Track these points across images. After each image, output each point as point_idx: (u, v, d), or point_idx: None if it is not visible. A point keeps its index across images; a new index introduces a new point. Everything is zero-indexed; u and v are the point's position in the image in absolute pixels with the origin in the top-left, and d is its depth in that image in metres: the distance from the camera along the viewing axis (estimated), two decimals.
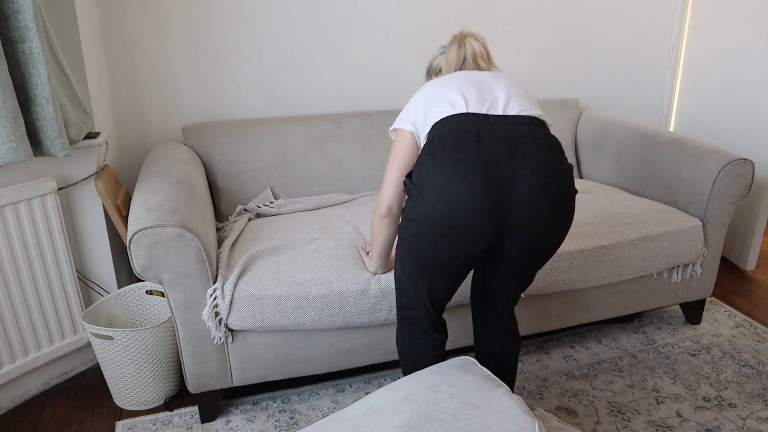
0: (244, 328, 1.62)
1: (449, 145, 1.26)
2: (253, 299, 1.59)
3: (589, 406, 1.80)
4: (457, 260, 1.31)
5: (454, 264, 1.32)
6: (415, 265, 1.35)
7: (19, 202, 1.67)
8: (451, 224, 1.24)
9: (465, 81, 1.40)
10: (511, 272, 1.41)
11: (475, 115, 1.30)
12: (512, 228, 1.27)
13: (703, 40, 2.85)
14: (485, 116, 1.30)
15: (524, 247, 1.32)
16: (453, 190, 1.22)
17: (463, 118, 1.29)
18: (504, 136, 1.26)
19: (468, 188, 1.22)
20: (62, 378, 1.93)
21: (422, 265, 1.33)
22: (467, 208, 1.22)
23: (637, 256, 1.94)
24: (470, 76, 1.42)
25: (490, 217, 1.24)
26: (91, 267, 1.95)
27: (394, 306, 1.69)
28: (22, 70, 1.53)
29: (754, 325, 2.23)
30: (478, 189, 1.22)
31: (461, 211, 1.22)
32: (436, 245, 1.28)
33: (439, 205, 1.23)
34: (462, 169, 1.23)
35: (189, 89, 2.30)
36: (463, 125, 1.28)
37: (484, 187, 1.22)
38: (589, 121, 2.63)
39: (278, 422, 1.75)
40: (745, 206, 2.63)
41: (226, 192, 2.19)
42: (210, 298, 1.57)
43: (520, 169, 1.24)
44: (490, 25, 2.61)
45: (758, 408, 1.79)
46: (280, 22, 2.33)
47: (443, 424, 0.88)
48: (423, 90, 1.45)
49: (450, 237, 1.26)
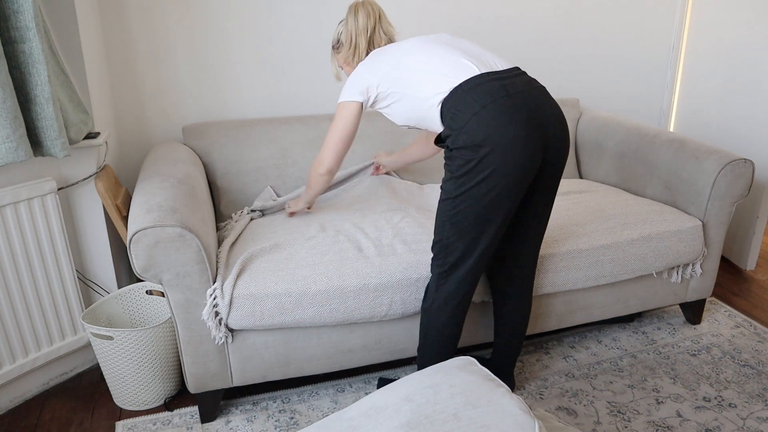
0: (244, 327, 1.62)
1: (498, 99, 1.40)
2: (252, 298, 1.59)
3: (589, 406, 1.80)
4: (514, 204, 1.47)
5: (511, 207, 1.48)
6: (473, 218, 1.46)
7: (19, 202, 1.67)
8: (519, 168, 1.40)
9: (445, 45, 1.56)
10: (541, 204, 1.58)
11: (491, 73, 1.47)
12: (549, 161, 1.49)
13: (703, 40, 2.85)
14: (498, 72, 1.47)
15: (552, 173, 1.53)
16: (519, 137, 1.39)
17: (485, 77, 1.45)
18: (519, 87, 1.45)
19: (529, 134, 1.40)
20: (62, 378, 1.93)
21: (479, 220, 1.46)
22: (534, 152, 1.42)
23: (637, 256, 1.95)
24: (441, 39, 1.59)
25: (543, 155, 1.46)
26: (91, 267, 1.95)
27: (394, 300, 1.69)
28: (22, 70, 1.53)
29: (754, 325, 2.23)
30: (537, 133, 1.42)
31: (531, 155, 1.41)
32: (504, 191, 1.42)
33: (512, 151, 1.38)
34: (517, 118, 1.39)
35: (189, 89, 2.30)
36: (489, 83, 1.44)
37: (537, 131, 1.42)
38: (589, 121, 2.63)
39: (278, 422, 1.75)
40: (745, 206, 2.63)
41: (226, 192, 2.19)
42: (210, 298, 1.57)
43: (545, 111, 1.46)
44: (491, 25, 2.61)
45: (758, 408, 1.79)
46: (280, 21, 2.33)
47: (443, 424, 0.88)
48: (380, 61, 1.59)
49: (518, 179, 1.42)
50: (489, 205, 1.43)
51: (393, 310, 1.70)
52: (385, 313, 1.70)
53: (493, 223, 1.47)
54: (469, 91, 1.42)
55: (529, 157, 1.41)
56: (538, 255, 1.72)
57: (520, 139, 1.38)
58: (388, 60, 1.58)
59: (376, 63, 1.60)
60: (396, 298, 1.69)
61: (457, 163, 1.43)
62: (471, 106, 1.40)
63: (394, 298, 1.69)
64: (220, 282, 1.59)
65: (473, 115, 1.39)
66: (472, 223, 1.47)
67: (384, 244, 1.77)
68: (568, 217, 2.00)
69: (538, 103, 1.45)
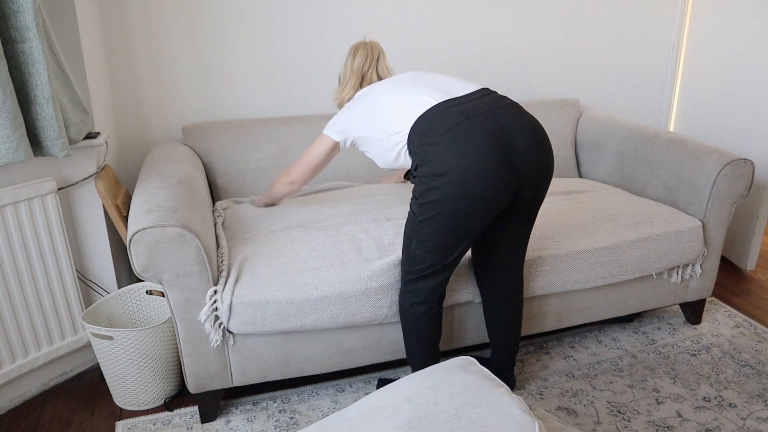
0: (245, 332, 1.62)
1: (456, 126, 1.39)
2: (253, 305, 1.58)
3: (589, 406, 1.80)
4: (483, 224, 1.46)
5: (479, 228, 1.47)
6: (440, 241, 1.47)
7: (19, 202, 1.67)
8: (480, 192, 1.38)
9: (410, 82, 1.59)
10: (520, 221, 1.57)
11: (448, 100, 1.46)
12: (524, 177, 1.45)
13: (703, 40, 2.85)
14: (457, 98, 1.47)
15: (532, 189, 1.49)
16: (476, 162, 1.36)
17: (442, 106, 1.45)
18: (480, 109, 1.43)
19: (488, 156, 1.37)
20: (62, 378, 1.93)
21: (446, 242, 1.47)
22: (494, 174, 1.38)
23: (637, 257, 1.94)
24: (408, 78, 1.61)
25: (512, 174, 1.41)
26: (91, 267, 1.95)
27: (394, 302, 1.69)
28: (22, 70, 1.53)
29: (754, 325, 2.23)
30: (497, 154, 1.38)
31: (490, 177, 1.38)
32: (467, 217, 1.41)
33: (468, 177, 1.37)
34: (475, 142, 1.37)
35: (189, 89, 2.30)
36: (445, 111, 1.43)
37: (498, 151, 1.38)
38: (589, 121, 2.63)
39: (278, 422, 1.75)
40: (745, 206, 2.63)
41: (226, 192, 2.19)
42: (209, 300, 1.57)
43: (511, 127, 1.42)
44: (491, 25, 2.61)
45: (758, 408, 1.79)
46: (280, 21, 2.33)
47: (443, 424, 0.88)
48: (357, 106, 1.65)
49: (480, 205, 1.40)
50: (454, 229, 1.44)
51: (394, 312, 1.70)
52: (385, 315, 1.70)
53: (461, 243, 1.48)
54: (427, 124, 1.44)
55: (493, 176, 1.38)
56: (524, 259, 1.71)
57: (481, 161, 1.36)
58: (363, 105, 1.64)
59: (354, 107, 1.67)
60: (396, 300, 1.69)
61: (420, 190, 1.45)
62: (429, 138, 1.42)
63: (395, 300, 1.69)
64: (221, 286, 1.59)
65: (431, 145, 1.40)
66: (438, 244, 1.48)
67: (386, 243, 1.77)
68: (568, 217, 2.00)
69: (502, 122, 1.42)
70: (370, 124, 1.60)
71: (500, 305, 1.72)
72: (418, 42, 2.52)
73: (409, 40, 2.51)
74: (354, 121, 1.65)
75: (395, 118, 1.52)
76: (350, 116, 1.66)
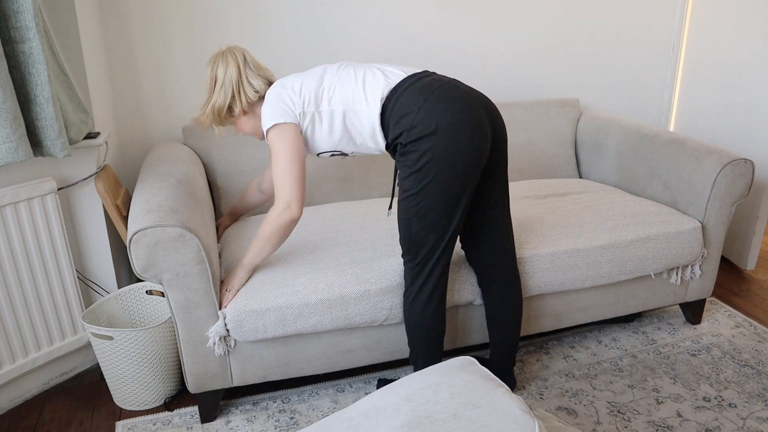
0: (246, 340, 1.63)
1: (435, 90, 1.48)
2: (255, 313, 1.59)
3: (589, 406, 1.80)
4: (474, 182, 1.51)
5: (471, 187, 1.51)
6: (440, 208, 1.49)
7: (19, 202, 1.67)
8: (469, 144, 1.45)
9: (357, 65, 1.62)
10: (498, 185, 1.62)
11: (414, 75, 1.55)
12: (496, 132, 1.55)
13: (703, 40, 2.85)
14: (418, 74, 1.56)
15: (501, 145, 1.58)
16: (463, 117, 1.45)
17: (411, 79, 1.53)
18: (443, 81, 1.52)
19: (472, 111, 1.47)
20: (62, 378, 1.93)
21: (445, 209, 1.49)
22: (480, 125, 1.47)
23: (636, 257, 1.94)
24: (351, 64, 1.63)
25: (490, 128, 1.52)
26: (91, 267, 1.95)
27: (395, 304, 1.69)
28: (22, 70, 1.53)
29: (754, 325, 2.23)
30: (478, 107, 1.49)
31: (478, 128, 1.46)
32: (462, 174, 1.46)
33: (458, 131, 1.44)
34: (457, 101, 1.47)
35: (189, 89, 2.30)
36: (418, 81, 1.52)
37: (478, 104, 1.50)
38: (589, 121, 2.63)
39: (278, 422, 1.75)
40: (745, 206, 2.63)
41: (226, 192, 2.19)
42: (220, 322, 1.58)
43: (477, 94, 1.54)
44: (491, 25, 2.61)
45: (758, 408, 1.79)
46: (280, 22, 2.33)
47: (443, 424, 0.88)
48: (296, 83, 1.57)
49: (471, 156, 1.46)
50: (450, 191, 1.48)
51: (394, 314, 1.70)
52: (386, 317, 1.70)
53: (460, 206, 1.51)
54: (405, 92, 1.51)
55: (480, 127, 1.47)
56: (514, 246, 1.73)
57: (468, 115, 1.46)
58: (305, 81, 1.58)
59: (294, 84, 1.57)
60: (396, 302, 1.69)
61: (413, 157, 1.47)
62: (415, 102, 1.48)
63: (395, 302, 1.69)
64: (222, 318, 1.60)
65: (419, 108, 1.46)
66: (440, 212, 1.50)
67: (383, 244, 1.77)
68: (567, 217, 2.00)
69: (467, 89, 1.54)
70: (321, 98, 1.55)
71: (500, 298, 1.72)
72: (418, 46, 2.52)
73: (409, 40, 2.50)
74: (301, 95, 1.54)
75: (364, 90, 1.55)
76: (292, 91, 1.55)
